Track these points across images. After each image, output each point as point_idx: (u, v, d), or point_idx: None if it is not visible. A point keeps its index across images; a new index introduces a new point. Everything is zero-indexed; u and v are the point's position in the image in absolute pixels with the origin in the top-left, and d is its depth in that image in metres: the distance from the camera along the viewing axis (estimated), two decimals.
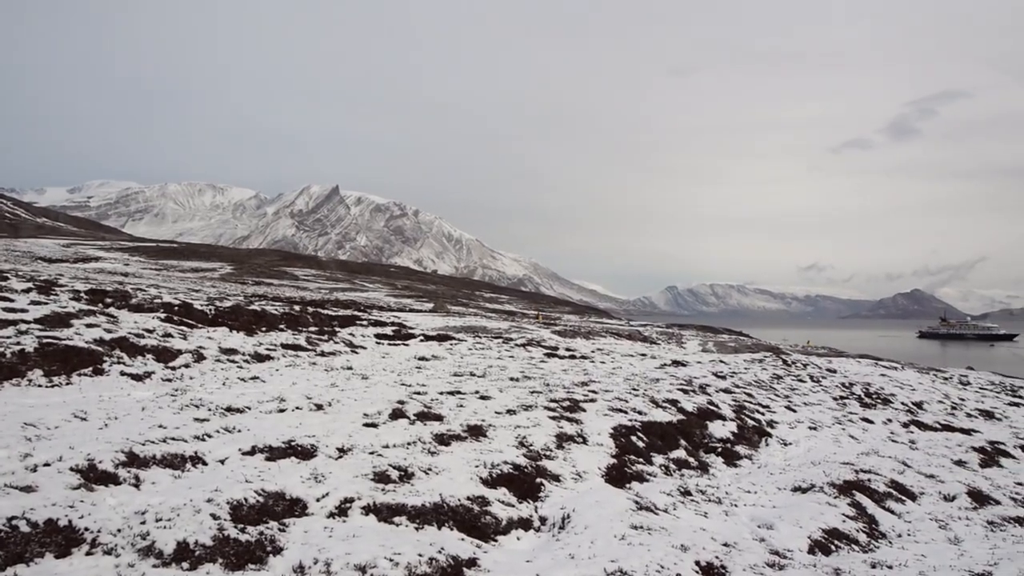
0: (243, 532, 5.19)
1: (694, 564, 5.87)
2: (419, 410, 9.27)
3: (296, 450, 7.15)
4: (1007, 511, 9.31)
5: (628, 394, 12.36)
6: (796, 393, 17.94)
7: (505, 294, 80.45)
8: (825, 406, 16.50)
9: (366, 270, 79.90)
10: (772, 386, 18.34)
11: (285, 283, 42.31)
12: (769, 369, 22.30)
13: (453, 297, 52.87)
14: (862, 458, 11.21)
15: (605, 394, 12.07)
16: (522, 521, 6.58)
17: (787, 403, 15.56)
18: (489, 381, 12.58)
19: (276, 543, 5.17)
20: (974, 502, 9.57)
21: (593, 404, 10.96)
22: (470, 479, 7.03)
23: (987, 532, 8.33)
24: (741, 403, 13.91)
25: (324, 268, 68.34)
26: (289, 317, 16.93)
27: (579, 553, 5.85)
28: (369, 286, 51.31)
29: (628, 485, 8.23)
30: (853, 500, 8.67)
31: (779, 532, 7.24)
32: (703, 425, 11.48)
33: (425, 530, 5.88)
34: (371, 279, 61.95)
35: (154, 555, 4.73)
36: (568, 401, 10.88)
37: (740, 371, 20.26)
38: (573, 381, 13.51)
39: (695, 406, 12.32)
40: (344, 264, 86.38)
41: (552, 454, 8.37)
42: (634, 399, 11.90)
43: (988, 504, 9.59)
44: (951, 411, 19.62)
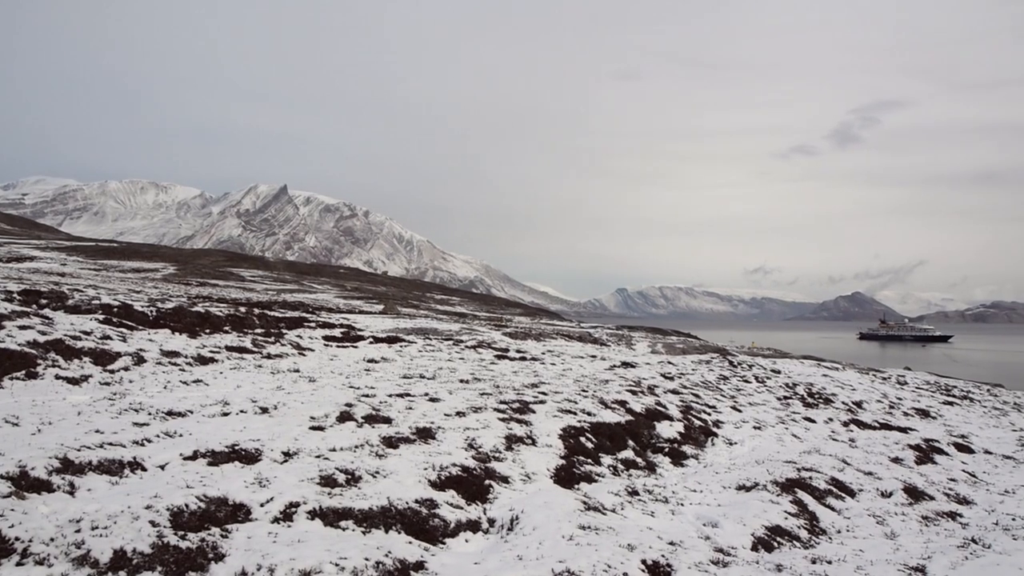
0: (184, 539, 5.06)
1: (640, 563, 5.93)
2: (367, 413, 9.18)
3: (240, 454, 7.00)
4: (940, 506, 9.64)
5: (578, 395, 12.43)
6: (742, 393, 18.28)
7: (456, 296, 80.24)
8: (769, 406, 16.85)
9: (315, 271, 78.83)
10: (719, 387, 18.66)
11: (231, 284, 41.48)
12: (716, 370, 22.68)
13: (404, 299, 52.51)
14: (804, 456, 11.47)
15: (555, 396, 12.12)
16: (470, 523, 6.56)
17: (733, 403, 15.84)
18: (439, 383, 12.52)
19: (218, 550, 5.05)
20: (910, 498, 9.88)
21: (543, 406, 11.00)
22: (418, 482, 6.98)
23: (922, 527, 8.61)
24: (688, 404, 14.11)
25: (272, 269, 67.21)
26: (234, 319, 16.60)
27: (527, 554, 5.86)
28: (318, 287, 50.62)
29: (577, 486, 8.27)
30: (795, 498, 8.87)
31: (724, 530, 7.36)
32: (651, 426, 11.61)
33: (372, 534, 5.82)
34: (320, 280, 61.14)
35: (89, 564, 4.57)
36: (518, 403, 10.90)
37: (688, 372, 20.56)
38: (523, 383, 13.53)
39: (643, 407, 12.46)
40: (292, 265, 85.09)
41: (501, 456, 8.36)
42: (583, 400, 11.97)
43: (923, 500, 9.92)
44: (889, 410, 20.23)
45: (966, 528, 8.62)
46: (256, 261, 78.87)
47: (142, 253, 62.80)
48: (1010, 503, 10.11)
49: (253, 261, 77.55)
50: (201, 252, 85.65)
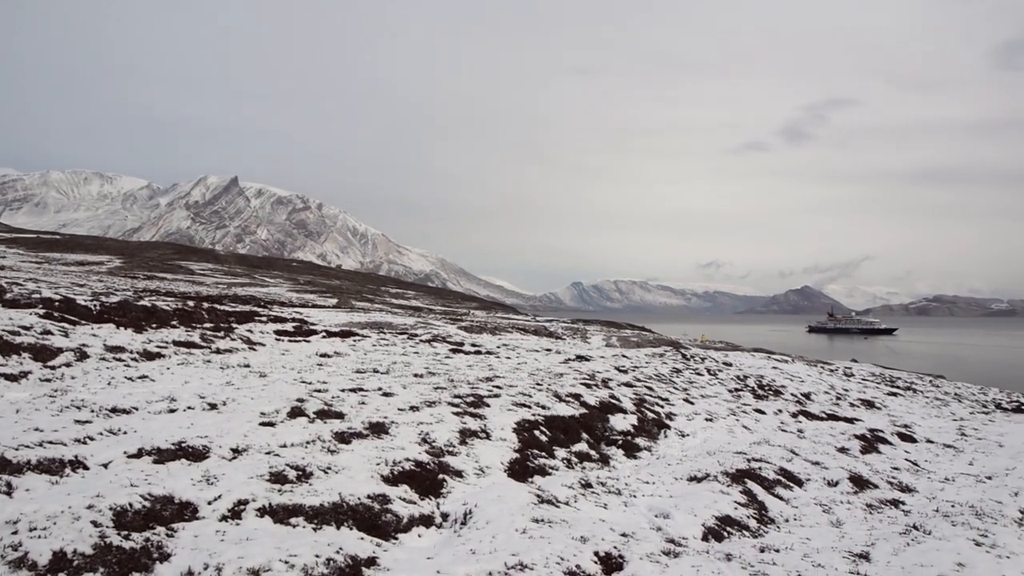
0: (127, 539, 4.92)
1: (593, 555, 5.97)
2: (319, 408, 9.06)
3: (187, 451, 6.85)
4: (884, 494, 9.91)
5: (532, 389, 12.46)
6: (694, 386, 18.53)
7: (412, 289, 79.79)
8: (721, 398, 17.12)
9: (267, 264, 77.61)
10: (672, 379, 18.89)
11: (180, 278, 40.59)
12: (669, 363, 22.97)
13: (358, 292, 52.01)
14: (754, 447, 11.68)
15: (509, 389, 12.12)
16: (424, 518, 6.52)
17: (685, 396, 16.05)
18: (393, 378, 12.42)
19: (163, 549, 4.93)
20: (855, 487, 10.13)
21: (497, 399, 10.99)
22: (371, 477, 6.91)
23: (866, 515, 8.83)
24: (642, 396, 14.25)
25: (222, 262, 65.94)
26: (182, 313, 16.23)
27: (480, 548, 5.84)
28: (270, 281, 49.85)
29: (531, 479, 8.29)
30: (745, 488, 9.02)
31: (675, 521, 7.45)
32: (605, 418, 11.70)
33: (323, 530, 5.74)
34: (272, 274, 60.21)
35: (27, 567, 4.42)
36: (472, 397, 10.87)
37: (641, 365, 20.77)
38: (478, 377, 13.51)
39: (597, 400, 12.54)
40: (243, 258, 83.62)
41: (455, 450, 8.34)
42: (538, 394, 12.00)
43: (867, 488, 10.18)
44: (836, 401, 20.74)
45: (908, 515, 8.86)
46: (206, 254, 77.35)
47: (86, 245, 61.07)
48: (950, 490, 10.43)
49: (203, 254, 76.03)
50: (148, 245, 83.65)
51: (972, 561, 6.87)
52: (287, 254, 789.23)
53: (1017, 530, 8.23)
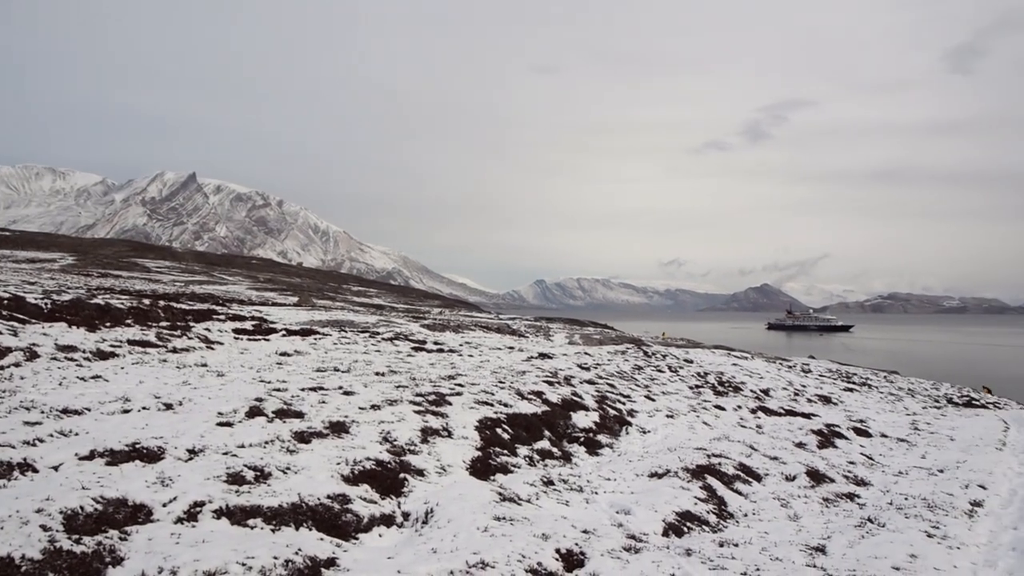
0: (78, 543, 4.79)
1: (554, 552, 5.98)
2: (278, 407, 8.93)
3: (141, 453, 6.69)
4: (840, 488, 10.10)
5: (495, 387, 12.44)
6: (655, 383, 18.70)
7: (374, 287, 79.18)
8: (682, 395, 17.30)
9: (226, 262, 76.36)
10: (633, 377, 19.03)
11: (135, 275, 39.74)
12: (631, 360, 23.14)
13: (319, 290, 51.45)
14: (714, 443, 11.82)
15: (472, 387, 12.09)
16: (384, 517, 6.46)
17: (647, 393, 16.18)
18: (354, 376, 12.31)
19: (116, 553, 4.81)
20: (812, 481, 10.31)
21: (459, 397, 10.95)
22: (331, 477, 6.83)
23: (823, 508, 9.00)
24: (604, 393, 14.33)
25: (180, 260, 64.76)
26: (138, 311, 15.89)
27: (442, 547, 5.82)
28: (229, 279, 49.06)
29: (493, 477, 8.28)
30: (705, 483, 9.13)
31: (636, 517, 7.51)
32: (567, 416, 11.73)
33: (282, 531, 5.66)
34: (231, 271, 59.28)
35: None
36: (434, 395, 10.82)
37: (604, 363, 20.89)
38: (440, 375, 13.46)
39: (560, 397, 12.58)
40: (202, 256, 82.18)
41: (417, 449, 8.29)
42: (500, 392, 11.99)
43: (824, 482, 10.37)
44: (794, 397, 21.09)
45: (863, 508, 9.05)
46: (163, 251, 75.92)
47: (37, 242, 59.51)
48: (903, 483, 10.68)
49: (160, 251, 74.61)
50: (103, 242, 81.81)
51: (924, 552, 7.05)
52: (247, 251, 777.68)
53: (967, 522, 8.46)
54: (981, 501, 9.53)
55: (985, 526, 8.35)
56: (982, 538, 7.84)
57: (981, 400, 31.13)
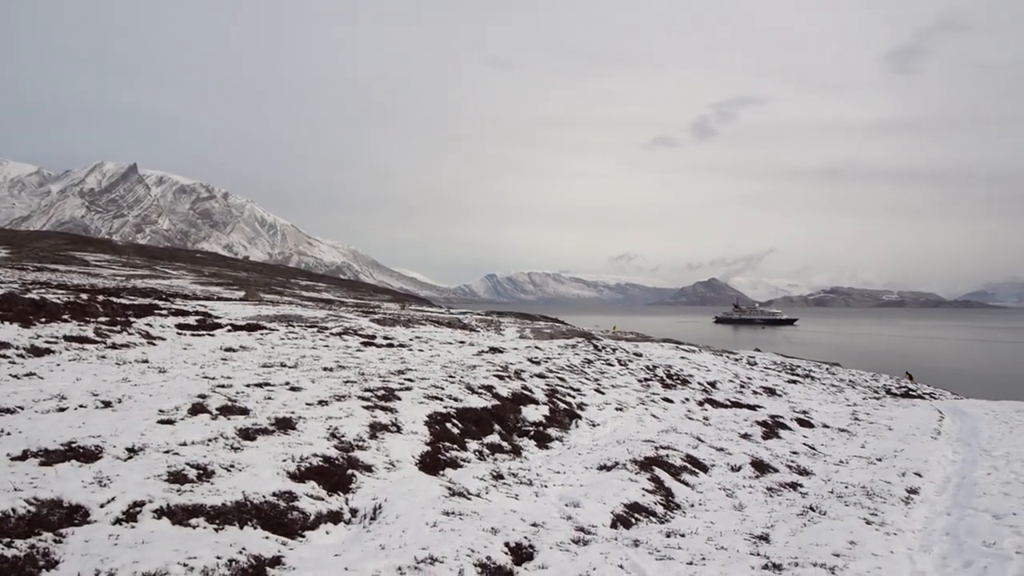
0: (9, 547, 4.61)
1: (504, 546, 5.99)
2: (222, 404, 8.74)
3: (78, 452, 6.47)
4: (783, 478, 10.34)
5: (445, 381, 12.39)
6: (605, 376, 18.85)
7: (322, 282, 78.22)
8: (631, 388, 17.47)
9: (169, 256, 74.56)
10: (583, 370, 19.16)
11: (73, 269, 38.51)
12: (581, 354, 23.29)
13: (266, 285, 50.60)
14: (662, 435, 11.98)
15: (422, 382, 12.02)
16: (332, 514, 6.38)
17: (597, 386, 16.30)
18: (301, 372, 12.12)
19: (50, 556, 4.65)
20: (756, 471, 10.53)
21: (409, 392, 10.88)
22: (276, 474, 6.71)
23: (767, 498, 9.19)
24: (554, 387, 14.39)
25: (120, 253, 62.97)
26: (75, 306, 15.38)
27: (390, 543, 5.77)
28: (172, 273, 47.91)
29: (442, 472, 8.24)
30: (653, 475, 9.24)
31: (585, 509, 7.57)
32: (517, 410, 11.75)
33: (226, 530, 5.54)
34: (175, 265, 57.91)
35: None
36: (383, 390, 10.72)
37: (554, 356, 20.99)
38: (390, 370, 13.34)
39: (510, 391, 12.59)
40: (143, 249, 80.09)
41: (365, 444, 8.20)
42: (450, 386, 11.95)
43: (768, 472, 10.60)
44: (740, 389, 21.50)
45: (805, 497, 9.28)
46: (102, 244, 73.75)
47: None
48: (844, 472, 10.98)
49: (99, 244, 72.47)
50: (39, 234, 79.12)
51: (863, 539, 7.26)
52: (191, 245, 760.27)
53: (904, 508, 8.74)
54: (917, 488, 9.85)
55: (921, 512, 8.64)
56: (917, 524, 8.12)
57: (918, 391, 32.19)
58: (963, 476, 10.82)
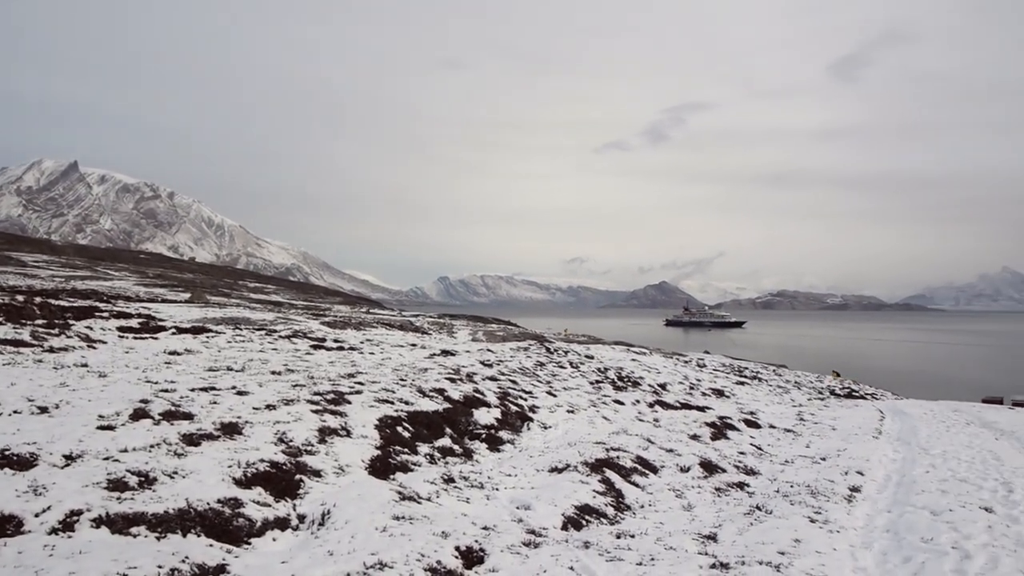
0: None
1: (454, 550, 5.95)
2: (166, 409, 8.51)
3: (11, 460, 6.23)
4: (731, 478, 10.49)
5: (396, 385, 12.29)
6: (557, 379, 18.93)
7: (272, 283, 76.98)
8: (583, 390, 17.58)
9: (111, 256, 72.54)
10: (535, 373, 19.20)
11: (9, 270, 37.19)
12: (533, 357, 23.35)
13: (213, 287, 49.57)
14: (613, 437, 12.06)
15: (372, 385, 11.90)
16: (279, 521, 6.26)
17: (548, 388, 16.36)
18: (248, 375, 11.88)
19: None
20: (705, 471, 10.67)
21: (359, 396, 10.75)
22: (222, 480, 6.56)
23: (715, 498, 9.32)
24: (506, 390, 14.39)
25: (60, 253, 61.04)
26: (10, 308, 14.84)
27: (339, 549, 5.68)
28: (115, 274, 46.60)
29: (393, 476, 8.16)
30: (603, 477, 9.30)
31: (536, 512, 7.57)
32: (469, 413, 11.71)
33: (168, 539, 5.39)
34: (117, 267, 56.34)
35: None
36: (333, 394, 10.58)
37: (506, 359, 21.00)
38: (340, 373, 13.18)
39: (462, 394, 12.54)
40: (84, 249, 77.78)
41: (314, 449, 8.07)
42: (401, 389, 11.85)
43: (716, 472, 10.75)
44: (690, 391, 21.79)
45: (752, 496, 9.44)
46: (41, 244, 71.41)
47: None
48: (789, 472, 11.20)
49: (37, 244, 70.15)
50: None
51: (807, 537, 7.41)
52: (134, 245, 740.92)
53: (847, 506, 8.96)
54: (859, 487, 10.10)
55: (862, 510, 8.87)
56: (859, 521, 8.33)
57: (860, 391, 33.06)
58: (903, 474, 11.13)
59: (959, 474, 10.92)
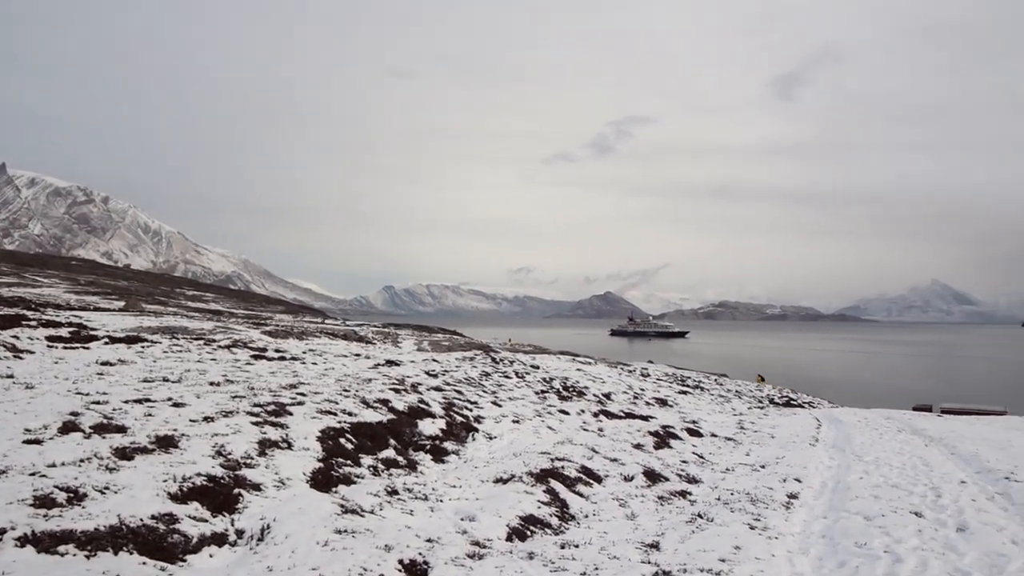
0: None
1: (397, 563, 5.87)
2: (97, 422, 8.20)
3: None
4: (674, 486, 10.62)
5: (339, 395, 12.10)
6: (502, 389, 18.91)
7: (211, 292, 75.17)
8: (528, 400, 17.59)
9: (40, 263, 69.89)
10: (481, 383, 19.15)
11: None
12: (479, 367, 23.29)
13: (149, 295, 48.17)
14: (558, 447, 12.09)
15: (315, 396, 11.69)
16: (216, 536, 6.08)
17: (494, 399, 16.32)
18: (185, 387, 11.55)
19: None
20: (648, 480, 10.78)
21: (301, 407, 10.55)
22: (156, 495, 6.34)
23: (658, 506, 9.42)
24: (451, 400, 14.30)
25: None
26: None
27: (278, 564, 5.55)
28: (44, 281, 44.90)
29: (335, 489, 8.02)
30: (548, 487, 9.30)
31: (481, 523, 7.53)
32: (413, 424, 11.60)
33: (98, 557, 5.18)
34: (47, 273, 54.30)
35: None
36: (274, 405, 10.35)
37: (452, 369, 20.89)
38: (281, 384, 12.91)
39: (406, 405, 12.42)
40: (11, 255, 74.82)
41: (254, 462, 7.88)
42: (345, 400, 11.67)
43: (659, 481, 10.87)
44: (634, 400, 22.02)
45: (694, 504, 9.57)
46: None
47: None
48: (730, 479, 11.40)
49: None
50: None
51: (747, 543, 7.55)
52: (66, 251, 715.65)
53: (785, 513, 9.15)
54: (797, 493, 10.34)
55: (800, 516, 9.07)
56: (797, 527, 8.51)
57: (798, 400, 33.90)
58: (838, 481, 11.42)
59: (891, 480, 11.26)
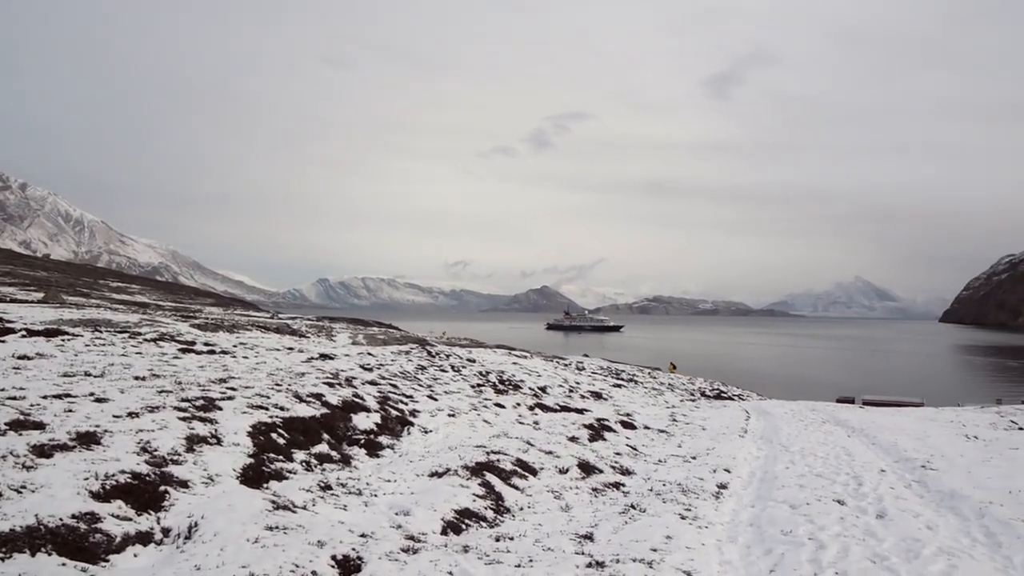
0: None
1: (330, 559, 5.80)
2: (13, 418, 7.84)
3: None
4: (608, 478, 10.78)
5: (271, 390, 11.87)
6: (438, 383, 18.85)
7: (137, 283, 72.73)
8: (464, 394, 17.59)
9: None
10: (417, 377, 19.05)
11: None
12: (415, 360, 23.16)
13: (71, 286, 46.31)
14: (494, 440, 12.13)
15: (246, 391, 11.44)
16: (141, 535, 5.89)
17: (430, 392, 16.26)
18: (108, 381, 11.15)
19: None
20: (583, 472, 10.91)
21: (231, 402, 10.30)
22: (77, 494, 6.10)
23: (592, 498, 9.54)
24: (386, 394, 14.19)
25: None
26: None
27: (206, 563, 5.41)
28: None
29: (266, 485, 7.87)
30: (484, 480, 9.33)
31: (415, 517, 7.50)
32: (347, 418, 11.47)
33: (14, 559, 4.96)
34: None
35: None
36: (203, 400, 10.09)
37: (387, 363, 20.72)
38: (211, 378, 12.59)
39: (340, 399, 12.27)
40: None
41: (181, 458, 7.66)
42: (277, 395, 11.46)
43: (594, 473, 11.01)
44: (569, 394, 22.25)
45: (627, 496, 9.73)
46: None
47: None
48: (662, 471, 11.63)
49: None
50: None
51: (678, 533, 7.72)
52: None
53: (715, 503, 9.39)
54: (726, 483, 10.62)
55: (729, 506, 9.33)
56: (726, 517, 8.76)
57: (728, 392, 34.79)
58: (765, 471, 11.78)
59: (815, 469, 11.67)
